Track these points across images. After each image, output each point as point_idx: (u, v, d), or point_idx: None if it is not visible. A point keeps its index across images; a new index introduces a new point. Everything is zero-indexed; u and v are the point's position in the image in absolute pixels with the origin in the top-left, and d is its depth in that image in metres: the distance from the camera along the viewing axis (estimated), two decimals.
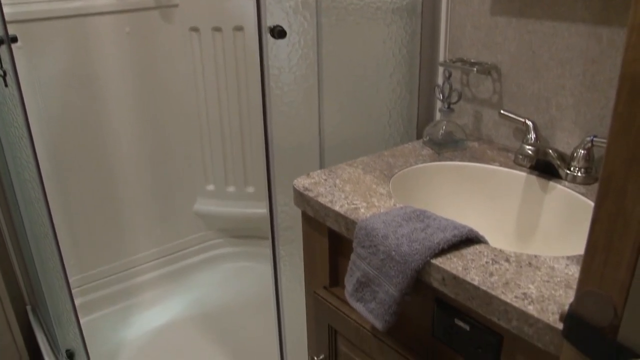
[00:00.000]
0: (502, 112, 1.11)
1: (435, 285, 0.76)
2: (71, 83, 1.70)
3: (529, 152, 0.98)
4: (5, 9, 1.08)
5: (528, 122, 1.06)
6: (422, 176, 1.08)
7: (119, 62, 1.77)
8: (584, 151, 0.97)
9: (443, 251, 0.76)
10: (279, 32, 1.02)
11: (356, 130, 1.25)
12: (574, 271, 0.72)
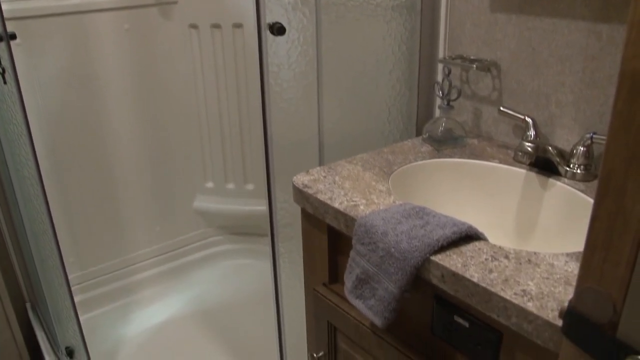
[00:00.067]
0: (502, 109, 1.11)
1: (434, 282, 0.76)
2: (70, 80, 1.70)
3: (529, 149, 0.98)
4: (3, 6, 1.08)
5: (527, 119, 1.06)
6: (422, 173, 1.08)
7: (118, 59, 1.77)
8: (584, 148, 0.97)
9: (442, 248, 0.76)
10: (278, 29, 1.01)
11: (355, 127, 1.25)
12: (574, 268, 0.72)
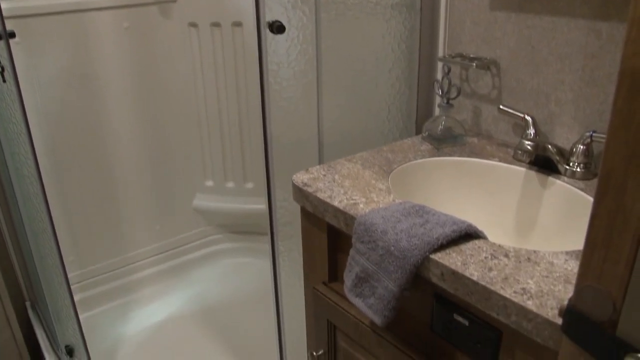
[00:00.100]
0: (501, 108, 1.11)
1: (434, 280, 0.76)
2: (69, 78, 1.69)
3: (528, 148, 0.98)
4: (2, 4, 1.08)
5: (527, 118, 1.06)
6: (421, 171, 1.08)
7: (117, 58, 1.77)
8: (583, 146, 0.97)
9: (442, 246, 0.76)
10: (278, 27, 1.01)
11: (355, 125, 1.25)
12: (573, 266, 0.72)
